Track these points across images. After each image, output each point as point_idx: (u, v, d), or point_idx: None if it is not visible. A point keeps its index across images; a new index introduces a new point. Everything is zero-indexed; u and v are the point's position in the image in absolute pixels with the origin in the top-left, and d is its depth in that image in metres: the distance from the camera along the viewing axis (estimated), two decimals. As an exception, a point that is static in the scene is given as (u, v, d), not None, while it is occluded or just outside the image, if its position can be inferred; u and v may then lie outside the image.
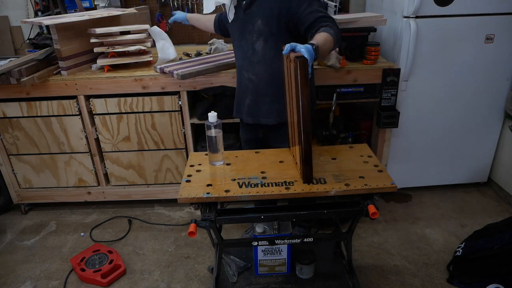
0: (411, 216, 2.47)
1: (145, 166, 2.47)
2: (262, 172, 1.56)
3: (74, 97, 2.27)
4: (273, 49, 1.75)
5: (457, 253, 2.01)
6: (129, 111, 2.30)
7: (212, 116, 1.54)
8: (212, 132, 1.55)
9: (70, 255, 2.20)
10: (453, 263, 2.01)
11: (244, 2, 1.76)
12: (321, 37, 1.47)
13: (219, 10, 2.21)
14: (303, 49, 1.32)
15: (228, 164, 1.64)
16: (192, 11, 2.90)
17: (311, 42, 1.41)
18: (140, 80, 2.22)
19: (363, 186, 1.43)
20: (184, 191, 1.45)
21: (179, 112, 2.31)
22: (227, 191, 1.44)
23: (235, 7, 1.82)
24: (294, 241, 1.64)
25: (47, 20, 2.14)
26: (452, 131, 2.51)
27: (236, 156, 1.71)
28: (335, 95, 2.17)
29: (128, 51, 2.30)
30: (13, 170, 2.48)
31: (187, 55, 2.56)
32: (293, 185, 1.46)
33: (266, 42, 1.74)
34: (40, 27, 2.97)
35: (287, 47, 1.36)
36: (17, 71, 2.08)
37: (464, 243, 2.04)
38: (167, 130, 2.36)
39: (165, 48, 2.37)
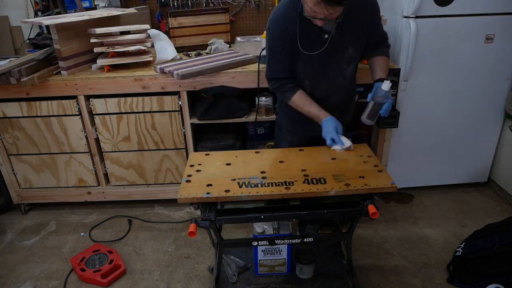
0: (411, 216, 2.47)
1: (145, 166, 2.47)
2: (262, 172, 1.56)
3: (74, 97, 2.27)
4: (356, 67, 1.80)
5: (457, 253, 2.01)
6: (129, 111, 2.30)
7: (387, 85, 1.61)
8: (380, 99, 1.63)
9: (70, 255, 2.20)
10: (453, 263, 2.01)
11: (326, 35, 1.61)
12: (384, 65, 1.73)
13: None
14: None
15: (228, 164, 1.64)
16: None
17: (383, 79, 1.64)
18: (140, 80, 2.22)
19: (363, 186, 1.43)
20: (184, 191, 1.45)
21: (179, 112, 2.31)
22: (227, 191, 1.43)
23: (310, 40, 1.63)
24: (294, 241, 1.64)
25: (47, 20, 2.14)
26: (452, 131, 2.51)
27: (236, 156, 1.71)
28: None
29: (128, 51, 2.30)
30: (13, 170, 2.48)
31: (187, 55, 2.56)
32: (293, 185, 1.46)
33: (355, 66, 1.77)
34: (40, 27, 2.96)
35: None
36: (17, 71, 2.08)
37: (464, 243, 2.04)
38: (167, 130, 2.36)
39: (163, 48, 2.37)
